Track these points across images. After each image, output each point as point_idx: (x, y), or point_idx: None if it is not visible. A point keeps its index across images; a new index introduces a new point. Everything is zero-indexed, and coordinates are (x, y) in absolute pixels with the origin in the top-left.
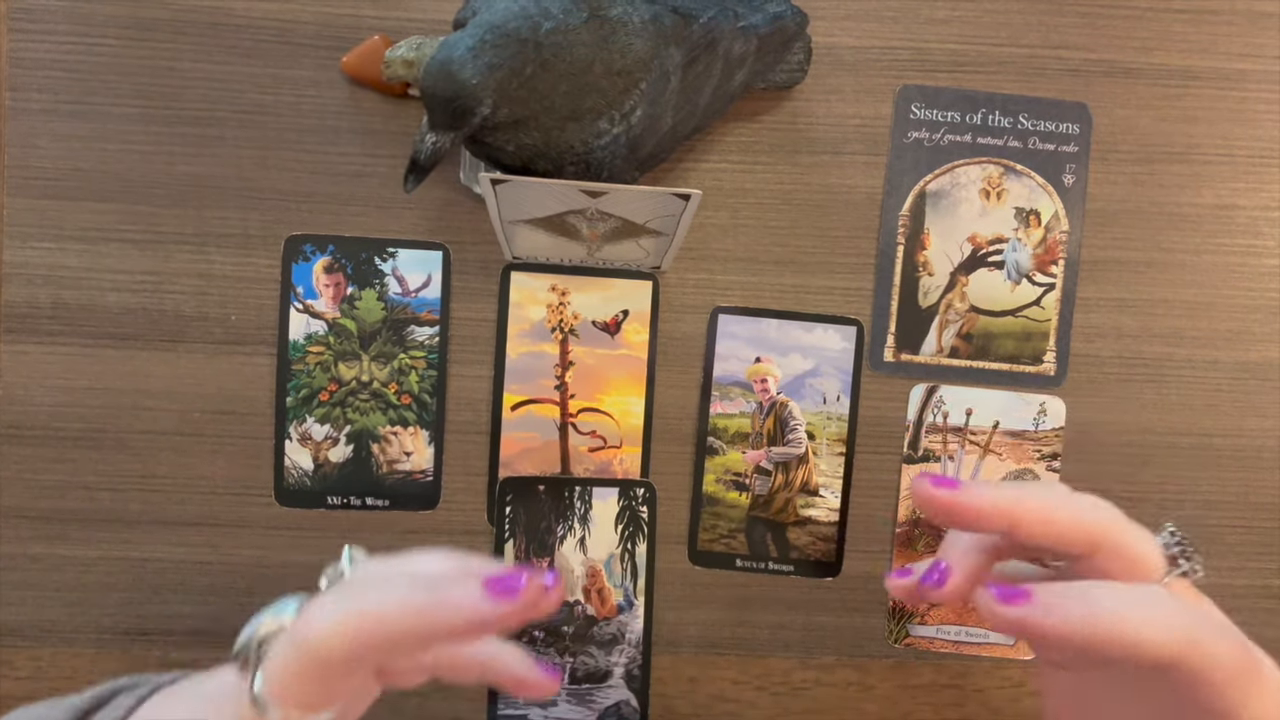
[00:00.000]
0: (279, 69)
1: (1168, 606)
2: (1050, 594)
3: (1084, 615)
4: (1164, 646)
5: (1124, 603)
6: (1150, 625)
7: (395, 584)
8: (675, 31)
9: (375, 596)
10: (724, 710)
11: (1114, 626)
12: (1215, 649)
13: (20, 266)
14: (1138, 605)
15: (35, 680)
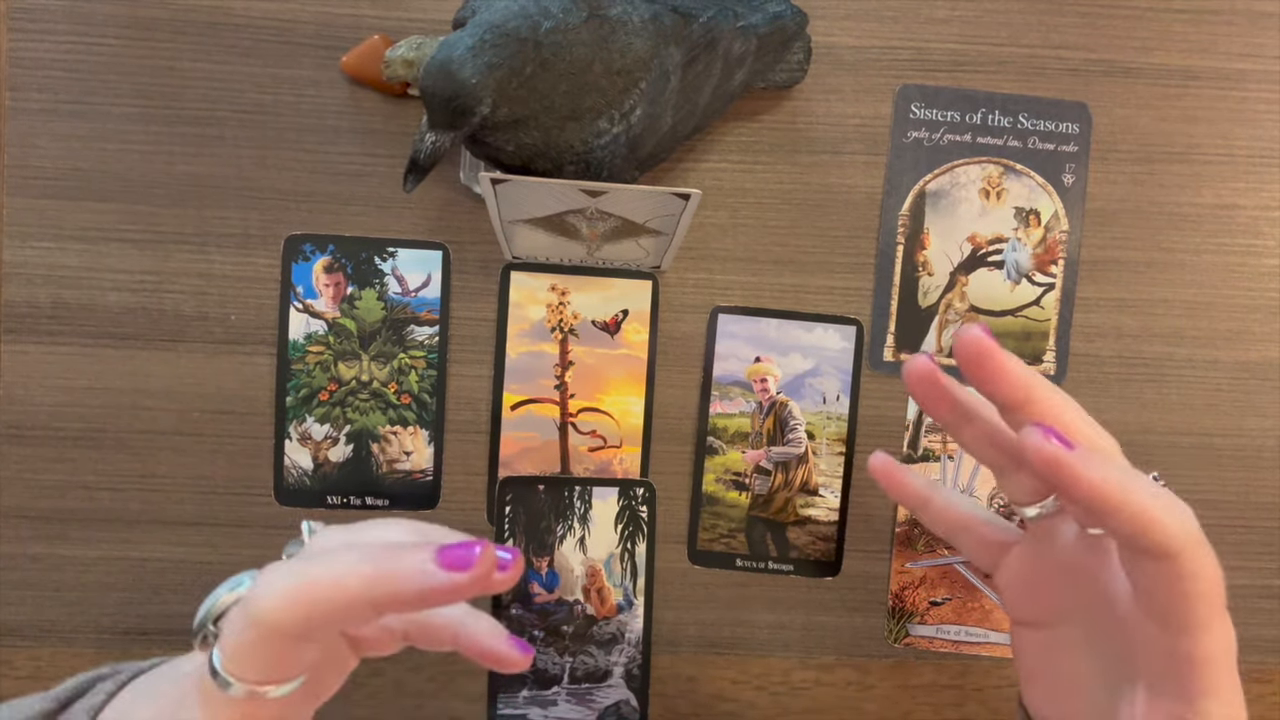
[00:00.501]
0: (279, 68)
1: (1184, 506)
2: (1091, 452)
3: (1119, 480)
4: (1176, 537)
5: (1151, 486)
6: (1172, 514)
7: (345, 554)
8: (675, 31)
9: (323, 566)
10: (724, 710)
11: (1141, 500)
12: (1210, 560)
13: (20, 266)
14: (1163, 493)
15: (35, 680)
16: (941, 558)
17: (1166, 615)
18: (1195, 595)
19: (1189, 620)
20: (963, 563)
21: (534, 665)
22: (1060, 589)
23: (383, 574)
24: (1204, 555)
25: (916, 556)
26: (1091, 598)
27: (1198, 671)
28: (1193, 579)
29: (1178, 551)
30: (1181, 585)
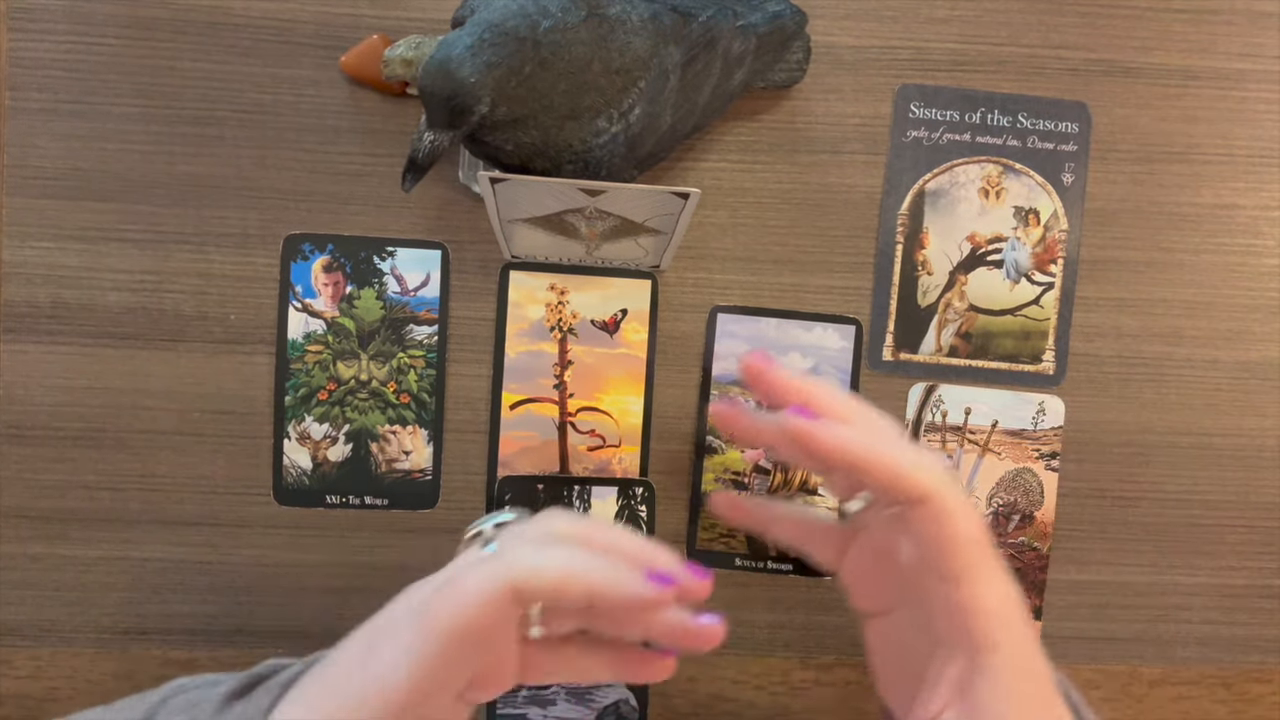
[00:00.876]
0: (278, 68)
1: (933, 457)
2: (836, 422)
3: (861, 439)
4: (923, 479)
5: (898, 442)
6: (915, 461)
7: None
8: (674, 30)
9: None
10: (724, 710)
11: (885, 452)
12: (964, 503)
13: (20, 266)
14: (909, 446)
15: (35, 680)
16: None
17: (936, 561)
18: (955, 537)
19: (955, 564)
20: None
21: None
22: (886, 574)
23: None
24: (956, 496)
25: None
26: (904, 574)
27: (975, 621)
28: (949, 518)
29: (929, 493)
30: (939, 527)
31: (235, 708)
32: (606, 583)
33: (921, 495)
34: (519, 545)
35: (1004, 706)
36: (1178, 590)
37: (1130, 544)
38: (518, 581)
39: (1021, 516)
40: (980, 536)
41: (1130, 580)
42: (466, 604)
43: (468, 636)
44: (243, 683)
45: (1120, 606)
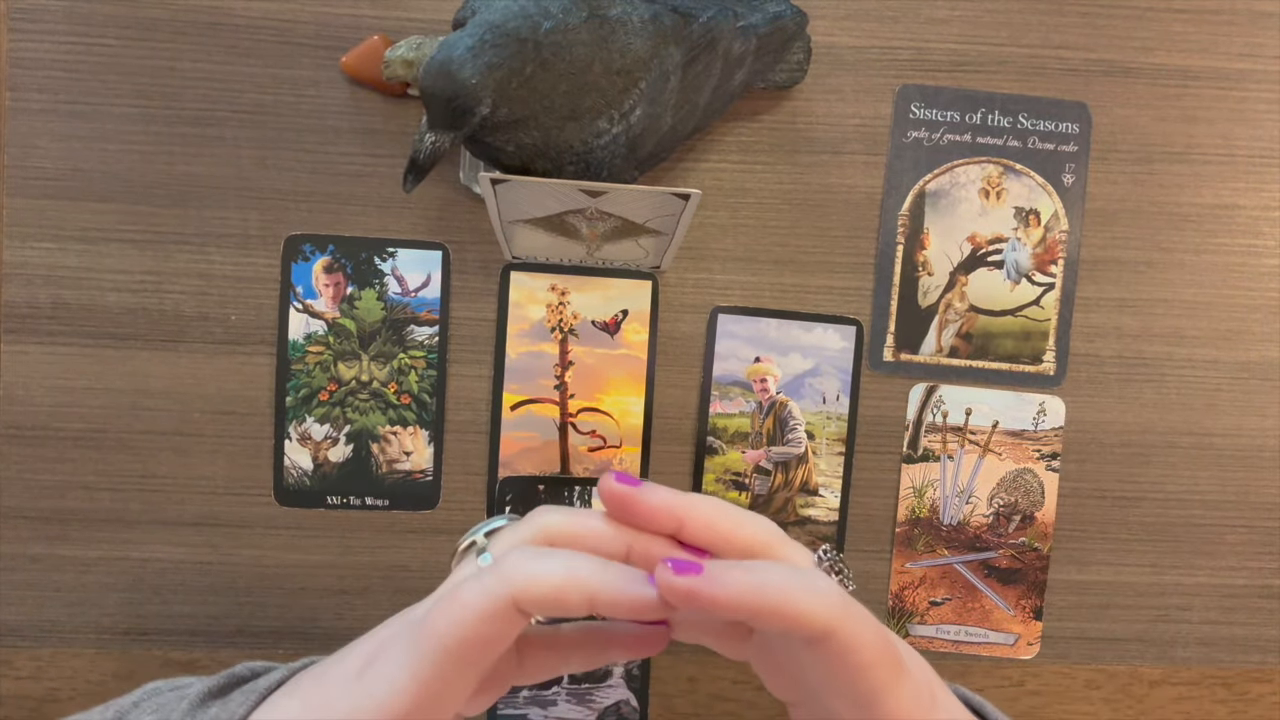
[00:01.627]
0: (279, 69)
1: (826, 584)
2: (720, 567)
3: (752, 586)
4: (820, 618)
5: (788, 577)
6: (810, 598)
7: None
8: (675, 31)
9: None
10: (724, 710)
11: (778, 597)
12: (861, 628)
13: (20, 266)
14: (801, 580)
15: (35, 680)
16: (941, 558)
17: (848, 692)
18: (863, 666)
19: (867, 691)
20: (963, 563)
21: None
22: (789, 672)
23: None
24: (857, 624)
25: (916, 556)
26: (810, 684)
27: None
28: (855, 651)
29: (831, 631)
30: (847, 659)
31: (210, 710)
32: (609, 589)
33: (823, 633)
34: (516, 554)
35: None
36: (1178, 590)
37: (1131, 544)
38: (517, 593)
39: (1022, 517)
40: (886, 656)
41: (1130, 580)
42: (466, 619)
43: (468, 652)
44: (218, 684)
45: (1121, 606)
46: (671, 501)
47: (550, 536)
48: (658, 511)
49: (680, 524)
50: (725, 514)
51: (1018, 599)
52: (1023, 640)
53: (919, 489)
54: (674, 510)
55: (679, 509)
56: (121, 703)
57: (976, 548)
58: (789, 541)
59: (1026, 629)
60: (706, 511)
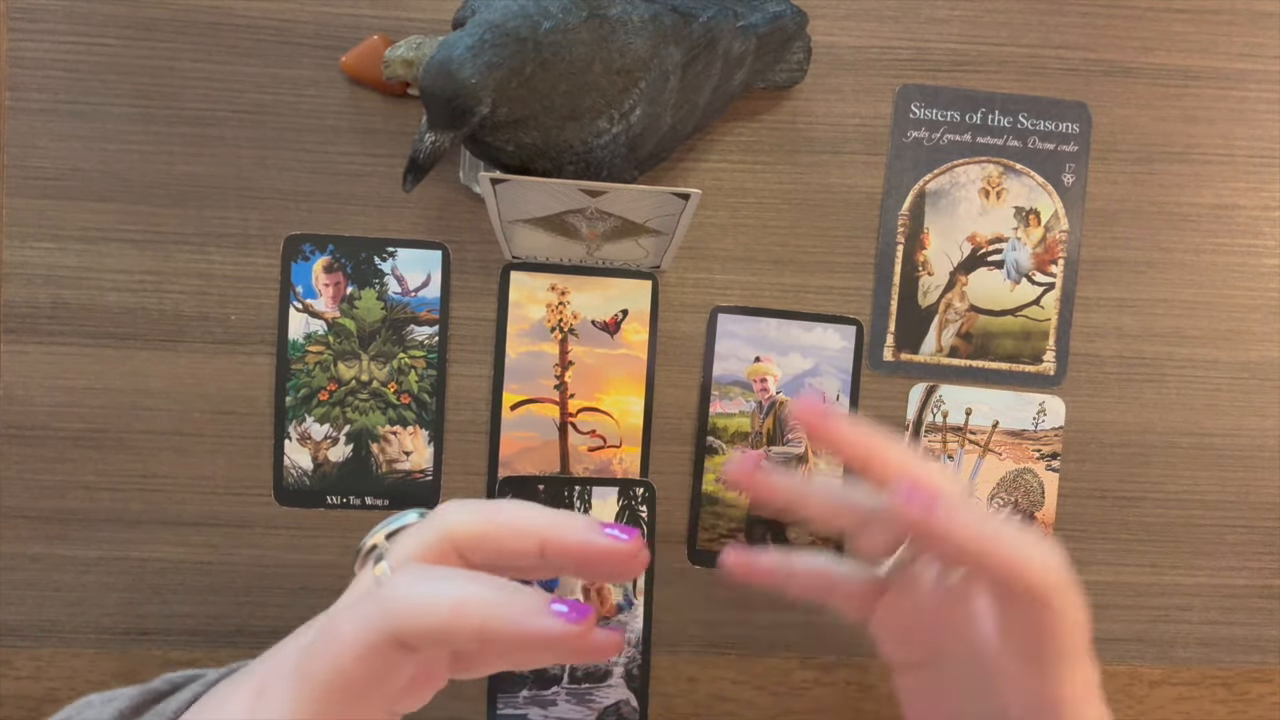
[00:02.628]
0: (279, 69)
1: (1056, 552)
2: (954, 504)
3: (987, 532)
4: (1044, 580)
5: (1019, 533)
6: (1039, 558)
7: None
8: (675, 31)
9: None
10: (724, 710)
11: (1010, 546)
12: (1078, 602)
13: (20, 266)
14: (1033, 540)
15: (35, 680)
16: None
17: (1033, 656)
18: (1062, 637)
19: (1055, 661)
20: None
21: None
22: (929, 632)
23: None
24: (1070, 598)
25: None
26: (956, 639)
27: (1062, 711)
28: (1060, 621)
29: (1048, 595)
30: (1049, 627)
31: None
32: (502, 623)
33: (1040, 596)
34: (402, 577)
35: None
36: (1178, 590)
37: (1131, 544)
38: (398, 628)
39: (1022, 517)
40: (1083, 637)
41: (1130, 580)
42: (342, 659)
43: (349, 690)
44: (134, 702)
45: (1120, 606)
46: (863, 436)
47: (455, 538)
48: (850, 440)
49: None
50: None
51: None
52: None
53: None
54: (864, 444)
55: (869, 445)
56: (57, 717)
57: None
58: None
59: None
60: (898, 456)
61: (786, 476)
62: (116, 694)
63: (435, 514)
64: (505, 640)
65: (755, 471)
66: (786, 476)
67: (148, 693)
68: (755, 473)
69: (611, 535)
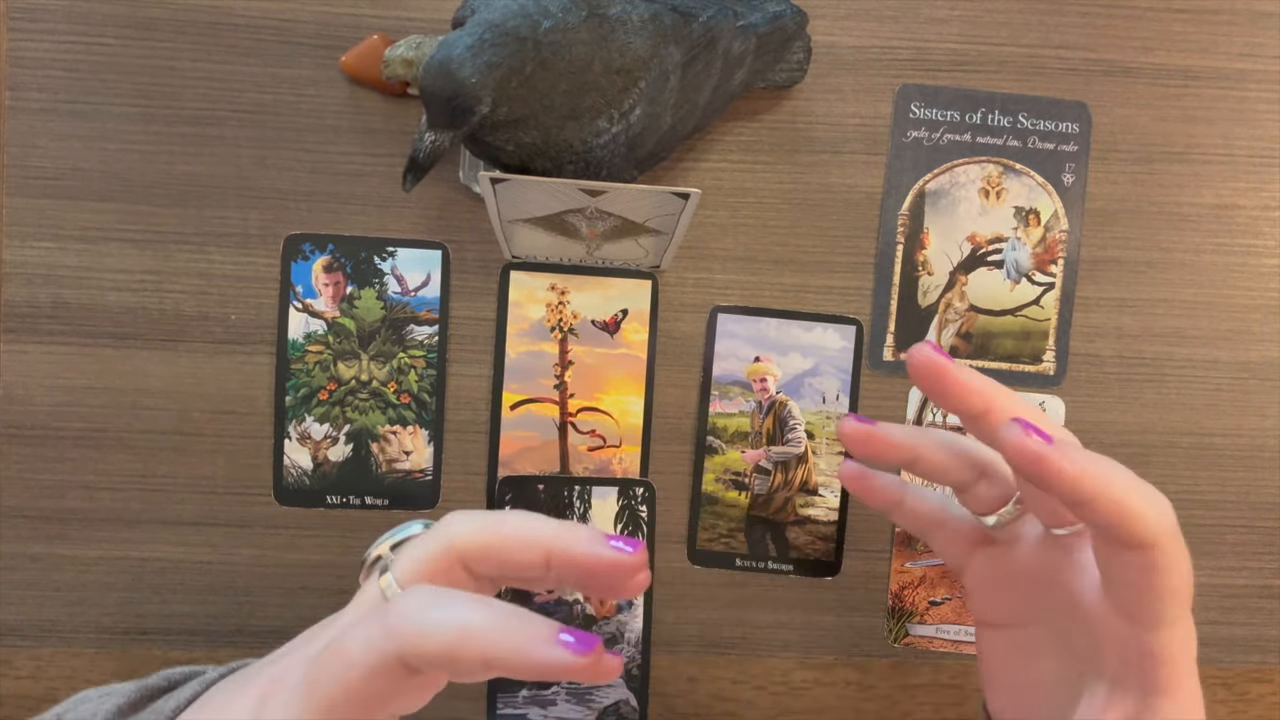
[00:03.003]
0: (279, 68)
1: (1158, 495)
2: (1069, 445)
3: (1099, 471)
4: (1153, 525)
5: (1132, 477)
6: (1151, 504)
7: (532, 517)
8: (674, 30)
9: (515, 515)
10: (723, 710)
11: (1121, 490)
12: (1183, 555)
13: (20, 266)
14: (1143, 485)
15: (35, 680)
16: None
17: (1135, 608)
18: (1166, 589)
19: (1157, 614)
20: None
21: None
22: (1026, 590)
23: (562, 536)
24: (1178, 549)
25: (916, 556)
26: (1056, 598)
27: (1159, 668)
28: (1165, 571)
29: (1153, 542)
30: (1153, 577)
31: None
32: (508, 653)
33: (1146, 542)
34: (409, 599)
35: None
36: None
37: None
38: (404, 651)
39: None
40: (1187, 590)
41: None
42: (349, 678)
43: (353, 705)
44: (131, 699)
45: None
46: (985, 386)
47: (460, 551)
48: (972, 388)
49: (987, 408)
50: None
51: None
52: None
53: None
54: (986, 393)
55: (991, 394)
56: (50, 713)
57: None
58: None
59: None
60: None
61: (900, 429)
62: (112, 689)
63: (439, 526)
64: (510, 669)
65: (871, 428)
66: (900, 429)
67: (145, 689)
68: (871, 429)
69: (616, 548)
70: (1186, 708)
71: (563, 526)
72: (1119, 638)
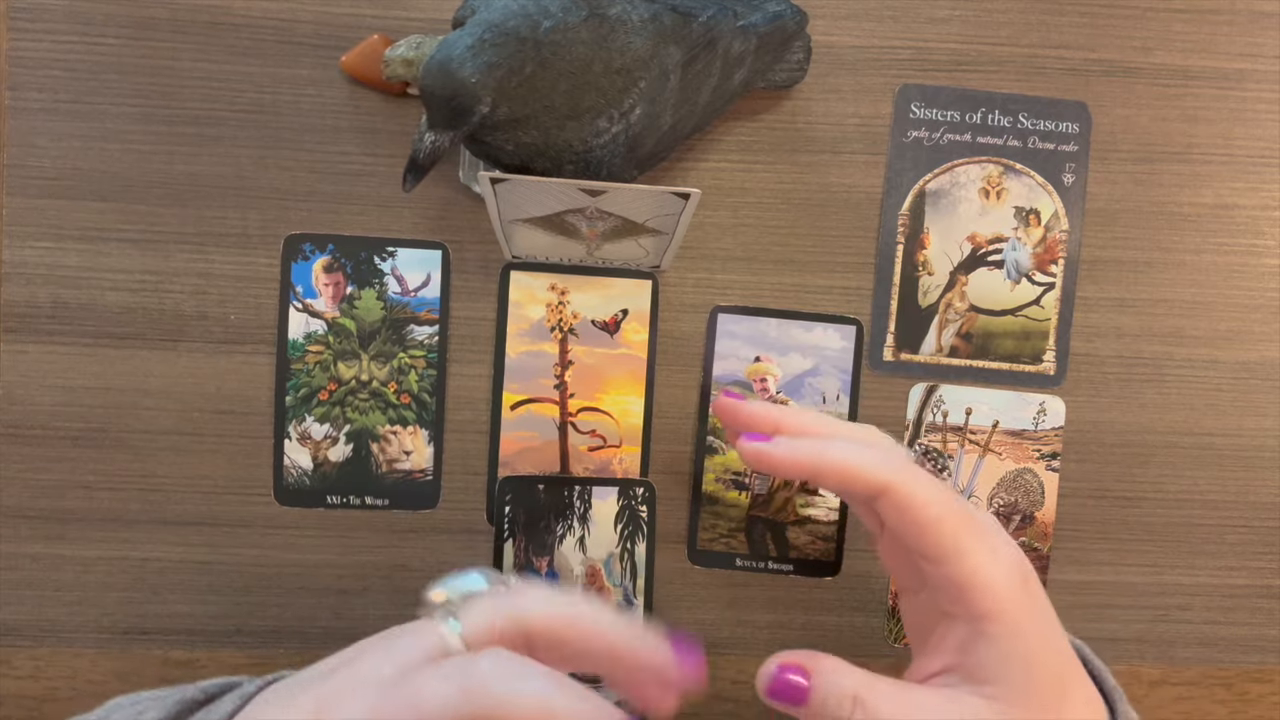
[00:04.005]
0: (278, 68)
1: (884, 450)
2: (789, 439)
3: (811, 448)
4: (875, 473)
5: (849, 443)
6: (866, 456)
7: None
8: (675, 30)
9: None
10: (724, 710)
11: (834, 455)
12: (918, 482)
13: (20, 266)
14: (861, 445)
15: (35, 680)
16: None
17: (917, 548)
18: (928, 520)
19: (935, 547)
20: None
21: None
22: (908, 561)
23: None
24: (913, 480)
25: None
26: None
27: (970, 595)
28: (914, 505)
29: (884, 485)
30: (906, 515)
31: None
32: None
33: (878, 489)
34: (490, 665)
35: (1006, 666)
36: (1178, 590)
37: (1131, 544)
38: (482, 715)
39: (1022, 517)
40: (952, 511)
41: (1130, 580)
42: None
43: None
44: (170, 713)
45: (1120, 606)
46: (771, 413)
47: (530, 631)
48: (759, 418)
49: (776, 429)
50: (821, 419)
51: None
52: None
53: None
54: (773, 419)
55: (778, 418)
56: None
57: None
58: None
59: None
60: (801, 418)
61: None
62: (143, 699)
63: (514, 596)
64: None
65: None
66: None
67: (182, 702)
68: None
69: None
70: (1018, 628)
71: (631, 632)
72: (933, 579)
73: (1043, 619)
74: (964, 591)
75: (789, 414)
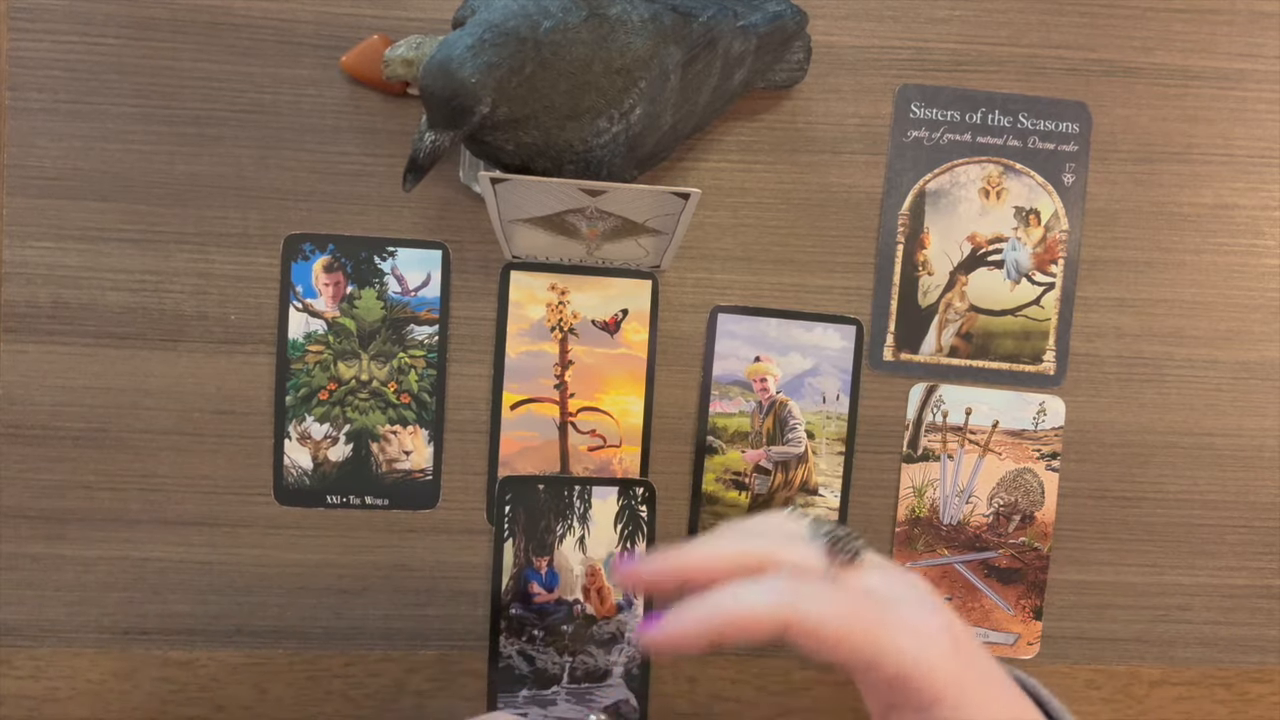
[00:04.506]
0: (278, 68)
1: (767, 585)
2: (678, 612)
3: (701, 617)
4: (769, 619)
5: (734, 595)
6: (754, 606)
7: None
8: (675, 30)
9: None
10: (723, 710)
11: (726, 616)
12: (812, 605)
13: (20, 266)
14: (747, 590)
15: (35, 680)
16: (941, 558)
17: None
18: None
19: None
20: (963, 563)
21: (534, 665)
22: None
23: None
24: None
25: (916, 556)
26: None
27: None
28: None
29: (782, 624)
30: (813, 642)
31: None
32: None
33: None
34: None
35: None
36: (1178, 590)
37: (1130, 544)
38: None
39: (1022, 517)
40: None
41: (1130, 580)
42: None
43: None
44: None
45: (1120, 607)
46: (670, 564)
47: None
48: (661, 575)
49: (682, 579)
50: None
51: (1018, 599)
52: (1023, 640)
53: (919, 489)
54: (674, 570)
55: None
56: None
57: (976, 547)
58: (783, 542)
59: (1026, 629)
60: (698, 559)
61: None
62: None
63: None
64: None
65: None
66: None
67: None
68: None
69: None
70: (963, 698)
71: None
72: (869, 682)
73: (983, 678)
74: (903, 685)
75: (685, 556)
